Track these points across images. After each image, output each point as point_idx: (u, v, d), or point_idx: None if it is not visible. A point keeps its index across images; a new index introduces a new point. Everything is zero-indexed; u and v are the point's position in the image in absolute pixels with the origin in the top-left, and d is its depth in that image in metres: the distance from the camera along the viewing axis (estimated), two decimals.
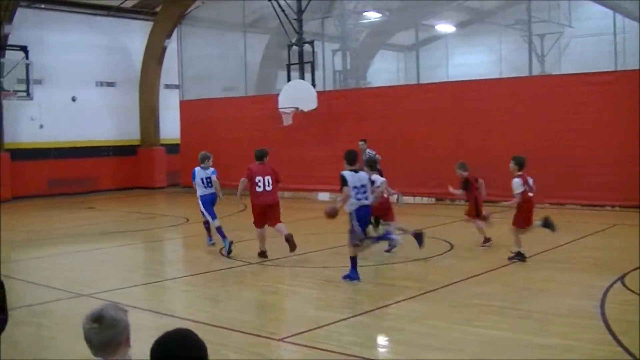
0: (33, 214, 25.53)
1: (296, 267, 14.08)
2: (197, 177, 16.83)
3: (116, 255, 16.85)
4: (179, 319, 10.32)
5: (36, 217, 24.58)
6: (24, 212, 26.04)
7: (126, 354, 4.36)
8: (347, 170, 12.85)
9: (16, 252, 17.78)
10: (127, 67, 34.23)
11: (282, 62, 28.68)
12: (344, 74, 30.31)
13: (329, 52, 29.86)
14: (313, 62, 27.25)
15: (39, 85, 28.98)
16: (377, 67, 32.89)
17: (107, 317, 4.21)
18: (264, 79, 31.84)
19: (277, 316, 10.57)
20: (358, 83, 30.07)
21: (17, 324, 9.98)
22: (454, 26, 32.92)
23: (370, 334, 9.63)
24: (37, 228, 20.90)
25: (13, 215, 25.09)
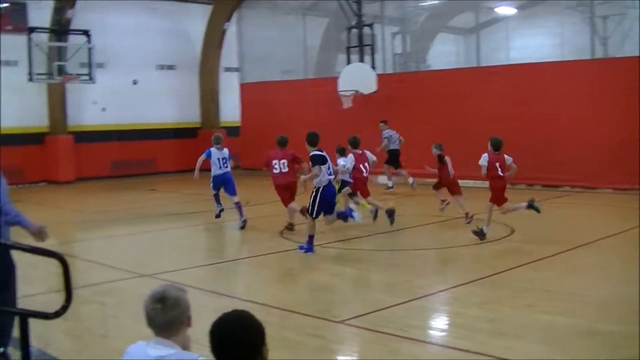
0: (97, 195, 25.88)
1: (357, 250, 14.10)
2: (213, 157, 17.69)
3: (178, 237, 17.03)
4: (239, 300, 10.41)
5: (100, 198, 24.92)
6: (88, 193, 26.41)
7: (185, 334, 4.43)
8: (313, 151, 14.02)
9: (80, 233, 18.10)
10: (187, 51, 34.44)
11: (341, 45, 28.63)
12: (404, 57, 30.13)
13: (388, 35, 29.71)
14: (373, 45, 27.16)
15: (101, 69, 29.28)
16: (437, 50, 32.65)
17: (170, 298, 4.27)
18: (323, 61, 31.80)
19: (338, 298, 10.60)
20: (418, 66, 29.87)
21: (82, 303, 10.18)
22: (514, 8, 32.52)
23: (431, 318, 9.64)
24: (100, 209, 21.18)
25: (77, 196, 25.50)
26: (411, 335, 8.35)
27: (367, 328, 8.73)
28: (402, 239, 15.04)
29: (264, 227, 17.20)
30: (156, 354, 4.18)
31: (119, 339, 8.42)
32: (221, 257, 14.60)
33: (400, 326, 8.68)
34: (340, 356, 8.16)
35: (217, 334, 3.74)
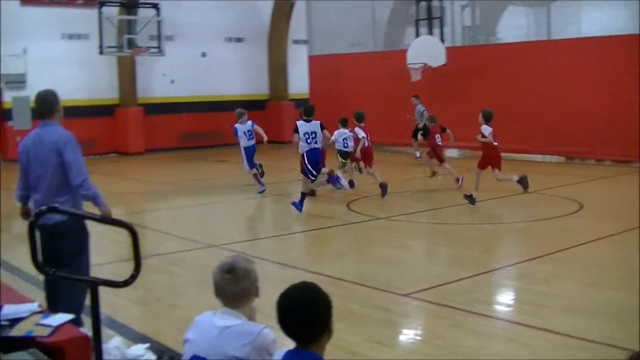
0: (165, 166, 26.19)
1: (424, 223, 14.09)
2: (239, 132, 18.47)
3: (245, 208, 17.16)
4: (305, 272, 10.47)
5: (168, 169, 25.20)
6: (157, 164, 26.74)
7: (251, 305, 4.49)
8: (301, 120, 15.83)
9: (149, 203, 18.35)
10: (255, 23, 34.52)
11: (410, 18, 28.45)
12: (473, 29, 29.81)
13: (457, 7, 29.41)
14: (442, 17, 26.95)
15: (170, 42, 29.49)
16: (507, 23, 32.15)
17: (239, 268, 4.33)
18: (392, 34, 31.61)
19: (403, 271, 10.59)
20: (487, 39, 29.55)
21: (151, 272, 10.35)
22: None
23: (496, 293, 9.60)
24: (170, 180, 21.42)
25: (146, 167, 25.82)
26: (476, 310, 8.33)
27: (432, 302, 8.74)
28: (465, 214, 14.97)
29: (332, 199, 17.26)
30: (223, 323, 4.25)
31: (187, 308, 8.55)
32: (288, 228, 14.68)
33: (466, 300, 8.67)
34: (405, 329, 8.17)
35: (284, 305, 3.77)
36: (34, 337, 5.80)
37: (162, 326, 8.08)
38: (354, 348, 7.11)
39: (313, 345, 3.74)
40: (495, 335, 7.74)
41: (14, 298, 6.84)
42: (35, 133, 7.56)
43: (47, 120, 7.53)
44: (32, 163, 7.46)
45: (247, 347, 4.13)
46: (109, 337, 7.08)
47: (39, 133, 7.51)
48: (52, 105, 7.57)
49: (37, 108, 7.58)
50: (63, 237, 7.47)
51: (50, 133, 7.44)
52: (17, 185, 7.70)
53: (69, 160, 7.35)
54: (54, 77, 25.61)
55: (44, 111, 7.54)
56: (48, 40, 28.36)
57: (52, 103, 7.57)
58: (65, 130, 7.52)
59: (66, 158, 7.33)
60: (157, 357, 6.78)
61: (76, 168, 7.35)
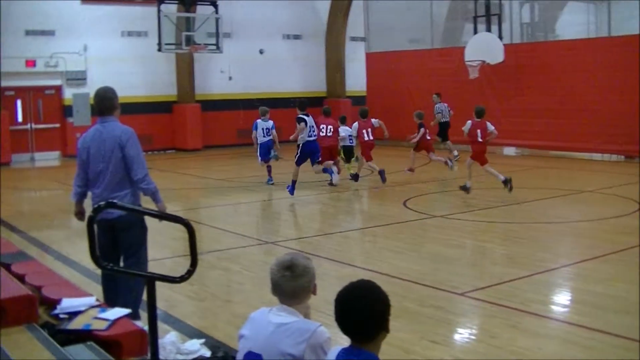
0: (223, 162, 26.33)
1: (480, 222, 13.98)
2: (258, 128, 19.63)
3: (302, 205, 17.19)
4: (361, 269, 10.49)
5: (226, 165, 25.33)
6: (215, 160, 26.90)
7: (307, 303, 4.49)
8: (301, 114, 17.89)
9: (207, 199, 18.49)
10: (313, 20, 34.57)
11: (468, 14, 28.25)
12: (532, 26, 29.56)
13: (516, 4, 29.13)
14: (500, 14, 26.72)
15: (228, 39, 29.65)
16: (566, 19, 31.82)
17: (298, 265, 4.34)
18: (450, 31, 31.44)
19: (459, 270, 10.53)
20: (546, 36, 29.27)
21: (207, 268, 10.43)
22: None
23: (553, 293, 9.49)
24: (227, 176, 21.52)
25: (204, 163, 25.98)
26: (532, 310, 8.26)
27: (488, 301, 8.67)
28: (521, 212, 14.85)
29: (388, 196, 17.24)
30: (279, 320, 4.26)
31: (242, 304, 8.61)
32: (344, 226, 14.68)
33: (522, 300, 8.60)
34: (460, 328, 8.12)
35: (343, 303, 3.75)
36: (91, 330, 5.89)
37: (217, 322, 8.13)
38: (409, 346, 7.10)
39: (369, 344, 3.72)
40: (551, 335, 7.65)
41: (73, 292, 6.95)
42: (95, 129, 7.66)
43: (106, 117, 7.63)
44: (93, 159, 7.56)
45: (302, 344, 4.14)
46: (165, 331, 7.15)
47: (98, 129, 7.61)
48: (112, 101, 7.67)
49: (96, 105, 7.68)
50: (124, 230, 7.60)
51: (111, 129, 7.55)
52: (75, 181, 7.80)
53: (132, 155, 7.46)
54: (114, 74, 26.03)
55: (103, 108, 7.64)
56: (108, 37, 28.74)
57: (112, 100, 7.68)
58: (126, 126, 7.63)
59: (129, 153, 7.45)
60: (211, 352, 6.82)
61: (138, 162, 7.48)
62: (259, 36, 32.23)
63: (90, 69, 28.34)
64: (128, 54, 29.10)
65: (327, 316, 3.81)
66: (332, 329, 4.16)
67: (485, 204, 15.14)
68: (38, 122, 28.31)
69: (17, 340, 5.61)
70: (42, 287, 6.89)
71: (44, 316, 6.42)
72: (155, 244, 9.48)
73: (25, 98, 28.03)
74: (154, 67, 29.67)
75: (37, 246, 12.41)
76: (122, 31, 29.40)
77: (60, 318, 6.24)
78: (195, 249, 5.29)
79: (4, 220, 15.00)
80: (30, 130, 28.19)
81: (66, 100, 28.50)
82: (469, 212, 14.72)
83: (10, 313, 5.97)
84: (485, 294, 8.96)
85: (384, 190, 17.80)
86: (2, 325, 5.85)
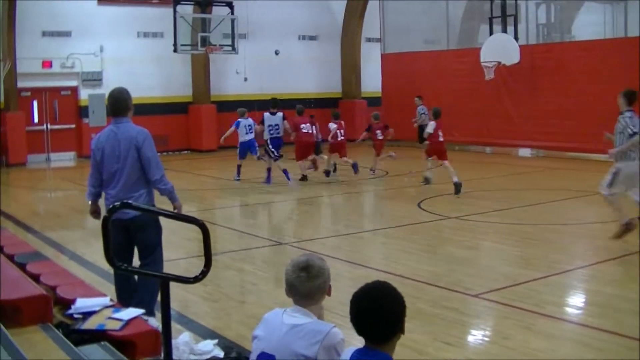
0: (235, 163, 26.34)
1: (495, 223, 13.96)
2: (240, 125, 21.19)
3: (321, 205, 17.20)
4: (375, 271, 10.49)
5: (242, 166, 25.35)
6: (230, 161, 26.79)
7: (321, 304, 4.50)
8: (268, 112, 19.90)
9: (222, 200, 18.51)
10: (328, 21, 34.59)
11: (484, 15, 28.17)
12: (548, 27, 29.43)
13: (532, 5, 29.01)
14: (516, 15, 26.64)
15: (244, 40, 29.69)
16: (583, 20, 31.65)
17: (314, 266, 4.34)
18: (465, 32, 31.36)
19: (473, 272, 10.52)
20: (562, 37, 29.16)
21: (221, 269, 10.45)
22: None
23: (567, 294, 9.46)
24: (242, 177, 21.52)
25: (219, 164, 26.00)
26: (546, 312, 8.24)
27: (502, 302, 8.66)
28: (535, 213, 14.82)
29: (402, 198, 17.23)
30: (293, 321, 4.27)
31: (256, 305, 8.62)
32: (357, 227, 14.68)
33: (536, 302, 8.58)
34: (474, 330, 8.11)
35: (359, 304, 3.75)
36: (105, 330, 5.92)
37: (231, 322, 8.15)
38: (423, 348, 7.10)
39: (384, 345, 3.72)
40: (565, 337, 7.64)
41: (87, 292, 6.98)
42: (109, 130, 7.69)
43: (120, 118, 7.66)
44: (107, 159, 7.59)
45: (316, 345, 4.13)
46: (179, 332, 7.17)
47: (113, 130, 7.64)
48: (126, 102, 7.71)
49: (110, 106, 7.71)
50: (140, 231, 7.63)
51: (126, 129, 7.58)
52: (89, 181, 7.84)
53: (149, 156, 7.50)
54: (129, 74, 26.14)
55: (117, 109, 7.67)
56: (124, 38, 28.85)
57: (126, 101, 7.71)
58: (141, 127, 7.66)
59: (146, 154, 7.49)
60: (225, 353, 6.84)
61: (155, 163, 7.53)
62: (275, 37, 32.27)
63: (106, 70, 28.45)
64: (144, 54, 29.19)
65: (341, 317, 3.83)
66: (346, 330, 4.17)
67: (499, 206, 15.10)
68: (54, 122, 28.41)
69: (31, 340, 5.64)
70: (56, 287, 6.93)
71: (58, 316, 6.46)
72: (170, 244, 9.51)
73: (41, 99, 28.14)
74: (169, 68, 29.75)
75: (52, 246, 12.47)
76: (138, 32, 29.50)
77: (75, 318, 6.28)
78: (209, 250, 5.31)
79: (19, 221, 15.09)
80: (46, 130, 28.29)
81: (82, 101, 28.61)
82: (484, 213, 14.69)
83: (25, 313, 6.00)
84: (499, 295, 8.95)
85: (398, 192, 17.82)
86: (17, 325, 5.89)
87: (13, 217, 15.50)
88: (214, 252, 5.52)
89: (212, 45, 27.46)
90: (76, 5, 27.66)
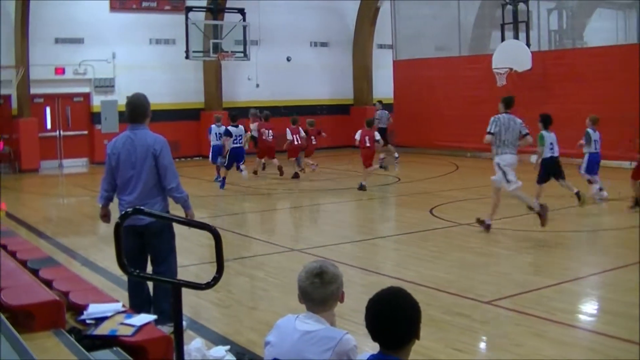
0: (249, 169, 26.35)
1: (507, 230, 13.93)
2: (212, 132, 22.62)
3: (329, 212, 17.22)
4: (386, 277, 10.49)
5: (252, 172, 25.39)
6: None
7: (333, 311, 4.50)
8: (231, 125, 21.28)
9: (233, 206, 18.51)
10: (340, 28, 34.64)
11: (496, 22, 28.17)
12: (560, 33, 29.40)
13: (544, 11, 28.98)
14: (528, 21, 26.63)
15: (255, 46, 29.76)
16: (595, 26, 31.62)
17: (328, 272, 4.35)
18: (477, 38, 31.35)
19: (485, 278, 10.49)
20: (574, 43, 29.11)
21: (233, 275, 10.47)
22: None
23: (580, 302, 9.44)
24: (253, 184, 21.56)
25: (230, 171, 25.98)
26: (558, 319, 8.22)
27: (514, 309, 8.65)
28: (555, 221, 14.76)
29: (414, 204, 17.22)
30: (305, 328, 4.27)
31: (268, 312, 8.62)
32: (369, 233, 14.67)
33: (548, 309, 8.56)
34: (486, 337, 8.10)
35: (374, 310, 3.74)
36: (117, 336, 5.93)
37: (242, 328, 8.15)
38: (434, 355, 7.09)
39: (399, 351, 3.72)
40: (577, 345, 7.62)
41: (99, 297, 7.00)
42: (126, 136, 7.71)
43: (137, 125, 7.69)
44: (123, 165, 7.63)
45: (328, 352, 4.13)
46: (190, 338, 7.19)
47: (129, 136, 7.67)
48: (145, 110, 7.74)
49: (129, 112, 7.73)
50: (154, 237, 7.67)
51: (143, 137, 7.61)
52: (102, 185, 7.89)
53: (165, 165, 7.54)
54: (141, 81, 26.22)
55: (136, 115, 7.70)
56: (136, 45, 28.94)
57: (145, 108, 7.75)
58: (158, 135, 7.70)
59: (162, 162, 7.53)
60: (236, 359, 6.85)
61: (171, 171, 7.58)
62: (287, 44, 32.34)
63: (119, 77, 28.56)
64: (156, 61, 29.28)
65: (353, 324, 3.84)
66: (358, 337, 4.18)
67: (511, 212, 15.07)
68: (66, 129, 28.54)
69: (44, 345, 5.66)
70: (69, 293, 6.95)
71: (70, 321, 6.48)
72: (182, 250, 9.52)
73: (53, 105, 28.26)
74: (181, 75, 29.82)
75: (65, 252, 12.50)
76: (150, 39, 29.59)
77: (87, 323, 6.29)
78: (221, 256, 5.32)
79: (32, 226, 15.15)
80: (59, 137, 28.41)
81: (94, 108, 28.72)
82: (496, 219, 14.66)
83: (38, 318, 6.02)
84: (511, 302, 8.94)
85: (410, 198, 17.80)
86: (30, 330, 5.91)
87: (26, 223, 15.57)
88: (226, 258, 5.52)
89: (223, 52, 27.53)
90: (89, 12, 27.78)
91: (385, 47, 34.60)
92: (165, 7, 29.68)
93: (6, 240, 9.60)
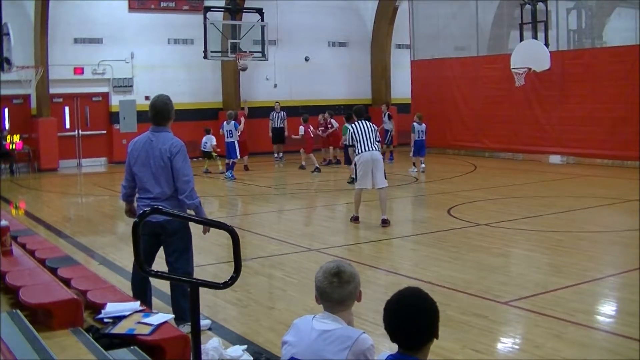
0: (268, 169, 26.41)
1: (525, 230, 13.88)
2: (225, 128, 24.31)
3: (345, 212, 17.18)
4: (403, 277, 10.46)
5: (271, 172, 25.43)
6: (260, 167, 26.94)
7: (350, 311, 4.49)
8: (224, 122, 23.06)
9: (251, 206, 18.54)
10: (358, 28, 34.63)
11: (514, 22, 28.12)
12: (579, 33, 29.27)
13: (563, 10, 28.86)
14: (546, 21, 26.54)
15: (274, 46, 29.82)
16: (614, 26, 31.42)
17: (345, 272, 4.34)
18: (496, 38, 31.26)
19: (503, 279, 10.45)
20: (593, 43, 28.98)
21: (250, 274, 10.47)
22: None
23: (599, 303, 9.39)
24: (271, 183, 21.58)
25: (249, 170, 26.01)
26: (577, 320, 8.18)
27: (532, 310, 8.61)
28: (566, 220, 14.72)
29: (432, 204, 17.19)
30: (322, 327, 4.26)
31: (285, 311, 8.62)
32: (386, 233, 14.63)
33: (566, 310, 8.51)
34: (504, 338, 8.06)
35: (393, 310, 3.74)
36: (135, 334, 5.95)
37: (260, 328, 8.15)
38: (452, 355, 7.07)
39: (418, 351, 3.71)
40: (595, 346, 7.58)
41: (117, 296, 7.02)
42: (147, 137, 7.73)
43: (160, 127, 7.71)
44: (141, 165, 7.66)
45: (345, 351, 4.12)
46: (208, 337, 7.19)
47: (150, 138, 7.69)
48: (169, 112, 7.76)
49: (153, 113, 7.73)
50: (171, 236, 7.68)
51: (163, 140, 7.63)
52: (123, 183, 7.95)
53: (177, 168, 7.55)
54: (160, 81, 26.37)
55: (159, 117, 7.71)
56: (154, 45, 29.06)
57: (169, 110, 7.77)
58: (177, 139, 7.71)
59: (175, 165, 7.54)
60: (254, 358, 6.85)
61: (183, 176, 7.57)
62: (305, 43, 32.38)
63: (137, 76, 28.68)
64: (174, 61, 29.38)
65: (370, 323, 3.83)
66: (375, 337, 4.17)
67: (530, 213, 15.02)
68: (85, 128, 28.68)
69: (62, 344, 5.68)
70: (87, 292, 6.97)
71: (89, 320, 6.50)
72: (200, 250, 9.53)
73: (72, 105, 28.41)
74: (200, 75, 29.93)
75: (83, 251, 12.54)
76: (169, 39, 29.70)
77: (105, 322, 6.31)
78: (239, 256, 5.31)
79: (51, 225, 15.21)
80: (78, 136, 28.55)
81: (113, 107, 28.84)
82: (514, 220, 14.62)
83: (56, 317, 6.05)
84: (530, 303, 8.90)
85: (428, 198, 17.78)
86: (49, 329, 5.94)
87: (44, 222, 15.64)
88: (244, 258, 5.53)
89: (242, 51, 27.58)
90: (107, 12, 27.92)
91: (404, 47, 34.59)
92: (183, 7, 29.77)
93: (25, 239, 9.65)
